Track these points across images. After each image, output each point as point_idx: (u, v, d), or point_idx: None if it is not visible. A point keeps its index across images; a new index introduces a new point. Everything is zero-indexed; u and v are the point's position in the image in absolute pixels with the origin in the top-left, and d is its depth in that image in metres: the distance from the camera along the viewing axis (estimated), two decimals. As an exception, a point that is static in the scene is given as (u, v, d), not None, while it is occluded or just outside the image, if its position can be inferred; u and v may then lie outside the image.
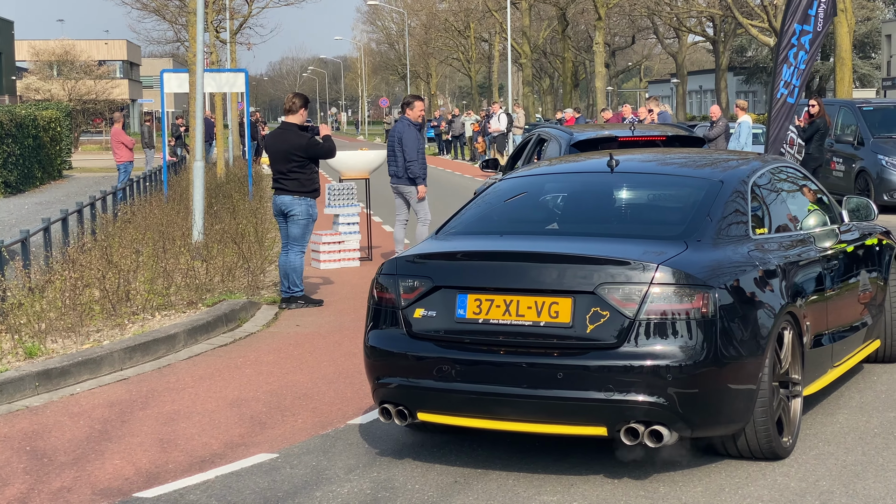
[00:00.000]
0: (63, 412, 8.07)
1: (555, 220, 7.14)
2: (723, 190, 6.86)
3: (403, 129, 14.25)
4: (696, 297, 5.97)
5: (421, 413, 6.39)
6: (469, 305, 6.28)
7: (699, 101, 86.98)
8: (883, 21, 65.96)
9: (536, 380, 6.04)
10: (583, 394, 5.96)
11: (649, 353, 5.93)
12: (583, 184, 7.55)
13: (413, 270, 6.51)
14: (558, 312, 6.08)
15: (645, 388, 5.90)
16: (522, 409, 6.12)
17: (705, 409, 6.03)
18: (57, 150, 40.62)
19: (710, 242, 6.44)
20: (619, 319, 5.97)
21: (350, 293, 13.09)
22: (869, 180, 21.41)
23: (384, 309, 6.59)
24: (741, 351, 6.12)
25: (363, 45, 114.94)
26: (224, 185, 24.44)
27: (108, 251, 13.05)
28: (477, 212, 7.29)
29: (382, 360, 6.54)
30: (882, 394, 7.97)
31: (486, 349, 6.23)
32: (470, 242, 6.82)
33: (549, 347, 6.09)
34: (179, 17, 38.74)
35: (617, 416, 5.94)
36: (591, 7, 53.92)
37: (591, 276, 6.04)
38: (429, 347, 6.36)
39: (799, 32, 15.02)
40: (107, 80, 75.99)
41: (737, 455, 6.48)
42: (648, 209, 7.28)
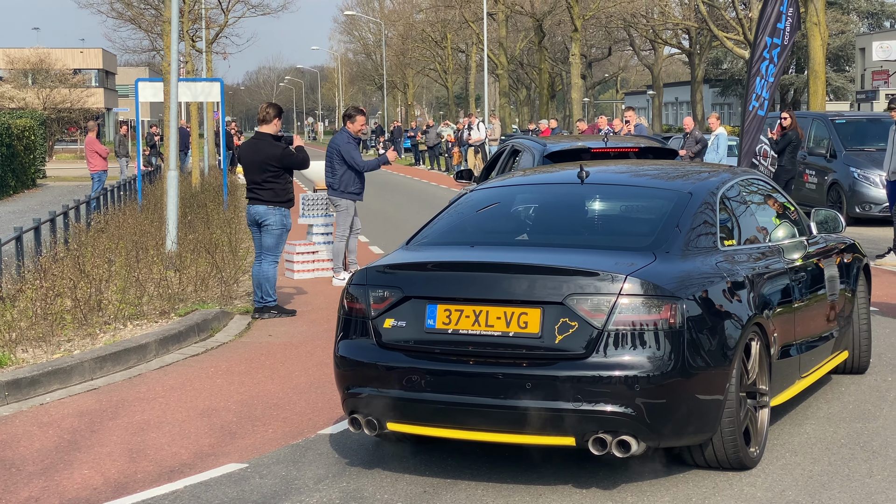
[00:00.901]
0: (32, 422, 8.04)
1: (525, 230, 7.17)
2: (692, 201, 6.92)
3: (341, 141, 14.30)
4: (664, 307, 6.03)
5: (390, 423, 6.39)
6: (439, 316, 6.30)
7: (675, 112, 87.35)
8: (857, 35, 66.45)
9: (505, 390, 6.06)
10: (551, 404, 5.98)
11: (617, 363, 5.96)
12: (553, 195, 7.60)
13: (383, 280, 6.52)
14: (527, 323, 6.11)
15: (613, 399, 5.93)
16: (491, 419, 6.13)
17: (673, 419, 6.07)
18: (31, 159, 40.46)
19: (679, 254, 6.49)
20: (587, 330, 6.01)
21: (323, 303, 13.09)
22: (841, 193, 21.56)
23: (354, 319, 6.60)
24: (708, 361, 6.16)
25: (340, 55, 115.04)
26: (199, 195, 24.40)
27: (81, 260, 13.01)
28: (448, 222, 7.32)
29: (352, 371, 6.53)
30: (849, 404, 8.03)
31: (456, 359, 6.24)
32: (440, 253, 6.84)
33: (518, 358, 6.11)
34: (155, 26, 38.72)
35: (585, 426, 5.97)
36: (567, 19, 54.14)
37: (560, 287, 6.08)
38: (398, 358, 6.36)
39: (770, 45, 15.17)
40: (82, 88, 75.70)
41: (704, 465, 6.51)
42: (618, 220, 7.31)
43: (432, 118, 69.59)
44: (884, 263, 15.38)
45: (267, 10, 45.46)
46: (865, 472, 6.50)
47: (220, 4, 41.39)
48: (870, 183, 21.08)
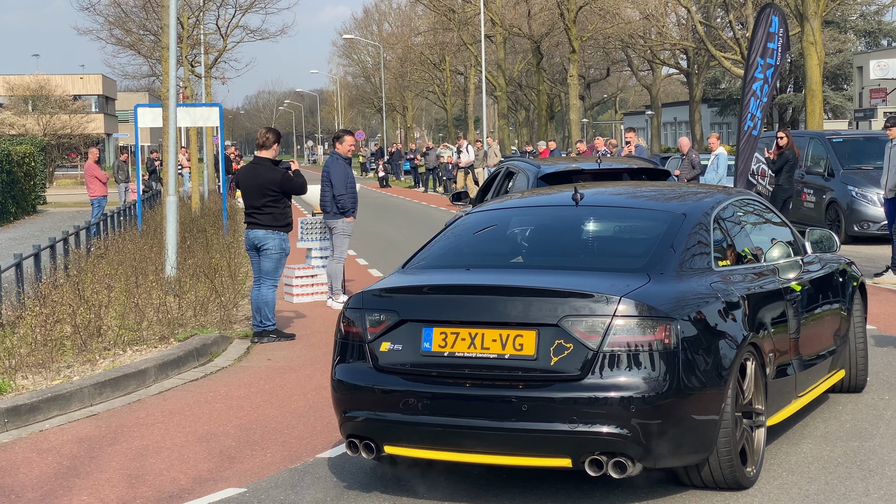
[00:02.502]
0: (31, 448, 8.06)
1: (520, 253, 7.21)
2: (685, 222, 6.96)
3: (332, 163, 14.41)
4: (659, 328, 6.03)
5: (388, 446, 6.42)
6: (435, 339, 6.32)
7: (674, 132, 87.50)
8: (854, 53, 66.63)
9: (502, 412, 6.08)
10: (547, 426, 6.00)
11: (613, 384, 5.97)
12: (549, 217, 7.63)
13: (379, 304, 6.55)
14: (523, 345, 6.13)
15: (608, 420, 5.94)
16: (488, 441, 6.15)
17: (669, 439, 6.08)
18: (31, 185, 40.55)
19: (673, 274, 6.52)
20: (582, 351, 6.02)
21: (322, 327, 13.11)
22: (839, 211, 21.60)
23: (351, 343, 6.63)
24: (704, 382, 6.17)
25: (339, 78, 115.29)
26: (198, 220, 24.46)
27: (81, 286, 13.05)
28: (444, 245, 7.37)
29: (349, 394, 6.56)
30: (846, 423, 8.05)
31: (452, 382, 6.26)
32: (435, 276, 6.86)
33: (514, 380, 6.13)
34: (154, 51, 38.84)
35: (581, 447, 5.98)
36: (565, 40, 54.30)
37: (555, 309, 6.10)
38: (395, 381, 6.38)
39: (763, 66, 15.25)
40: (82, 114, 75.94)
41: (700, 485, 6.53)
42: (612, 242, 7.35)
43: (431, 140, 69.74)
44: (882, 281, 15.41)
45: (266, 34, 45.54)
46: (862, 491, 6.52)
47: (219, 30, 41.51)
48: (868, 201, 21.12)
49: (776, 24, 15.41)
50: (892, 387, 9.14)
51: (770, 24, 15.34)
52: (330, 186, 14.35)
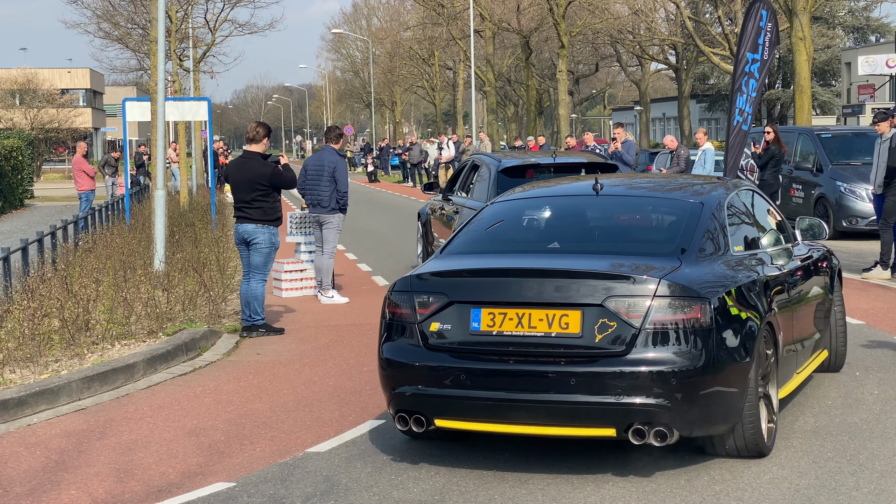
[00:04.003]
0: (19, 443, 8.02)
1: (554, 239, 7.63)
2: (704, 211, 7.48)
3: (336, 160, 14.31)
4: (695, 307, 6.52)
5: (438, 420, 6.81)
6: (483, 319, 6.73)
7: (662, 128, 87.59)
8: (842, 49, 66.76)
9: (550, 386, 6.52)
10: (594, 398, 6.46)
11: (654, 359, 6.45)
12: (574, 206, 8.09)
13: (427, 287, 6.95)
14: (568, 324, 6.57)
15: (651, 392, 6.41)
16: (537, 413, 6.58)
17: (703, 410, 6.56)
18: (18, 179, 40.40)
19: (700, 258, 7.03)
20: (625, 329, 6.49)
21: (311, 321, 13.08)
22: (828, 206, 21.63)
23: (398, 323, 7.00)
24: (734, 356, 6.66)
25: (328, 73, 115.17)
26: (187, 214, 24.38)
27: (69, 281, 12.99)
28: (476, 233, 7.79)
29: (398, 371, 6.92)
30: (836, 418, 8.05)
31: (501, 359, 6.68)
32: (479, 261, 7.26)
33: (561, 356, 6.56)
34: (142, 45, 38.74)
35: (625, 418, 6.45)
36: (554, 35, 54.29)
37: (599, 290, 6.56)
38: (444, 358, 6.78)
39: (750, 61, 15.25)
40: (69, 108, 75.69)
41: (724, 454, 6.98)
42: (640, 229, 7.83)
43: (416, 135, 69.75)
44: (871, 277, 15.43)
45: (254, 28, 45.47)
46: (852, 486, 6.52)
47: (208, 24, 41.41)
48: (856, 197, 21.16)
49: (765, 18, 15.41)
50: (882, 382, 9.16)
51: (759, 18, 15.34)
52: (331, 182, 14.27)
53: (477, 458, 7.23)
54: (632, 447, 6.94)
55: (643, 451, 7.23)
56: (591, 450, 7.31)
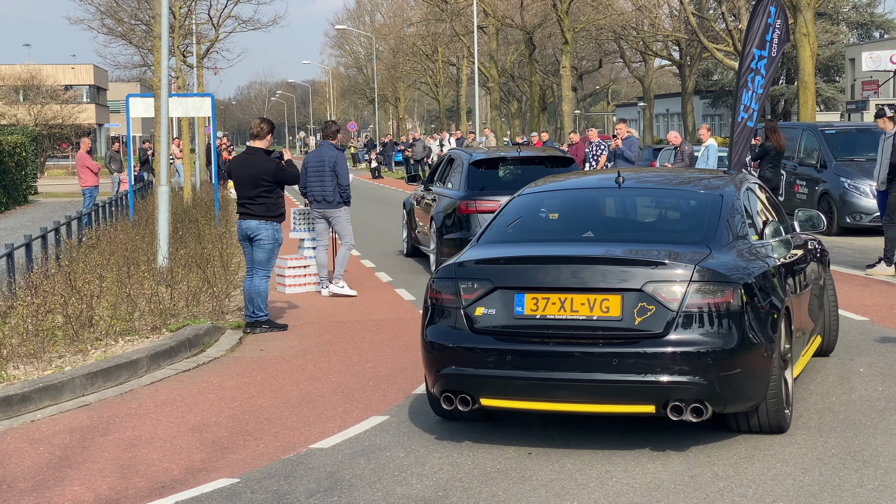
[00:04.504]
0: (23, 439, 8.03)
1: (585, 229, 7.97)
2: (724, 202, 7.94)
3: (336, 154, 14.46)
4: (727, 291, 6.95)
5: (484, 399, 7.13)
6: (526, 303, 7.10)
7: (666, 124, 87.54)
8: (846, 45, 66.66)
9: (593, 366, 6.88)
10: (635, 377, 6.82)
11: (691, 340, 6.85)
12: (599, 197, 8.51)
13: (472, 274, 7.31)
14: (609, 308, 6.95)
15: (688, 371, 6.81)
16: (581, 392, 6.96)
17: (735, 387, 6.96)
18: (22, 176, 40.41)
19: (726, 246, 7.47)
20: (664, 313, 6.88)
21: (315, 317, 13.08)
22: (832, 203, 21.60)
23: (441, 308, 7.35)
24: (760, 337, 7.08)
25: (331, 69, 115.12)
26: (190, 210, 24.38)
27: (72, 277, 13.00)
28: (508, 223, 8.15)
29: (443, 354, 7.25)
30: (840, 414, 8.04)
31: (544, 341, 7.04)
32: (519, 249, 7.61)
33: (602, 338, 6.93)
34: (146, 41, 38.75)
35: (664, 395, 6.83)
36: (557, 31, 54.25)
37: (639, 276, 6.96)
38: (490, 341, 7.12)
39: (757, 57, 15.22)
40: (73, 104, 75.70)
41: (748, 430, 7.39)
42: (667, 219, 8.32)
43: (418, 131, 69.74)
44: (875, 273, 15.41)
45: (258, 24, 45.37)
46: (856, 482, 6.52)
47: (211, 20, 41.40)
48: (860, 193, 21.13)
49: (774, 14, 15.38)
50: (886, 378, 9.14)
51: (768, 14, 15.31)
52: (333, 177, 14.38)
53: (480, 454, 7.23)
54: (634, 446, 6.93)
55: (646, 449, 7.24)
56: (595, 447, 7.31)
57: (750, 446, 7.26)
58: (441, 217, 15.98)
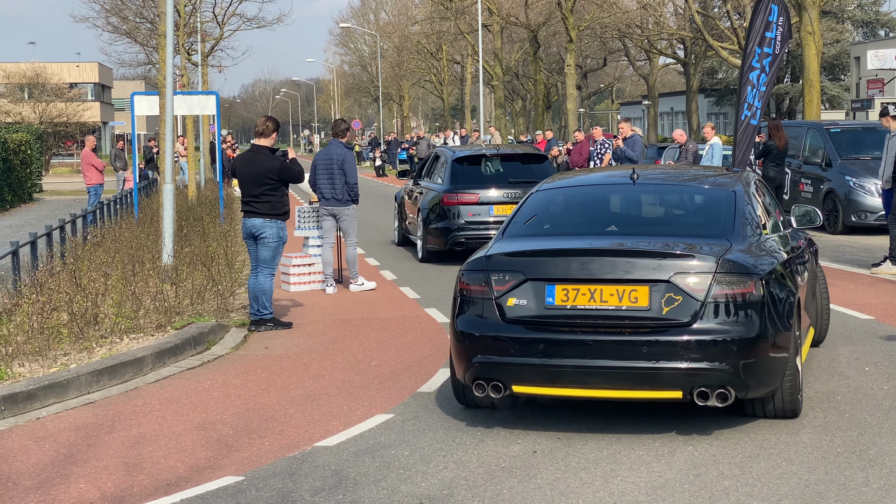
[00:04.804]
0: (28, 436, 8.04)
1: (607, 223, 8.28)
2: (738, 198, 8.27)
3: (345, 153, 14.67)
4: (749, 282, 7.26)
5: (515, 386, 7.39)
6: (557, 294, 7.37)
7: (670, 122, 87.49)
8: (851, 43, 66.58)
9: (623, 354, 7.15)
10: (664, 364, 7.11)
11: (716, 329, 7.15)
12: (618, 193, 8.79)
13: (503, 266, 7.57)
14: (637, 298, 7.24)
15: (714, 358, 7.10)
16: (611, 378, 7.21)
17: (757, 373, 7.24)
18: (27, 173, 40.44)
19: (743, 240, 7.78)
20: (690, 303, 7.18)
21: (319, 315, 13.08)
22: (837, 201, 21.56)
23: (473, 299, 7.59)
24: (779, 325, 7.38)
25: (336, 67, 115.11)
26: (195, 208, 24.39)
27: (77, 274, 13.01)
28: (531, 217, 8.44)
29: (475, 343, 7.49)
30: (845, 413, 8.03)
31: (574, 330, 7.31)
32: (547, 242, 7.91)
33: (632, 327, 7.21)
34: (151, 39, 38.75)
35: (691, 381, 7.12)
36: (562, 30, 54.22)
37: (666, 268, 7.26)
38: (521, 330, 7.38)
39: (759, 55, 15.20)
40: (78, 102, 75.71)
41: (762, 415, 7.69)
42: (685, 214, 8.64)
43: (423, 129, 69.76)
44: (880, 272, 15.39)
45: (262, 23, 45.35)
46: (862, 481, 6.51)
47: (216, 18, 41.40)
48: (865, 192, 21.09)
49: (775, 12, 15.36)
50: (892, 376, 9.13)
51: (769, 12, 15.29)
52: (342, 175, 14.59)
53: (485, 453, 7.23)
54: (639, 445, 6.92)
55: (651, 448, 7.23)
56: (600, 446, 7.31)
57: (755, 445, 7.26)
58: (427, 208, 17.73)
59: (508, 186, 17.49)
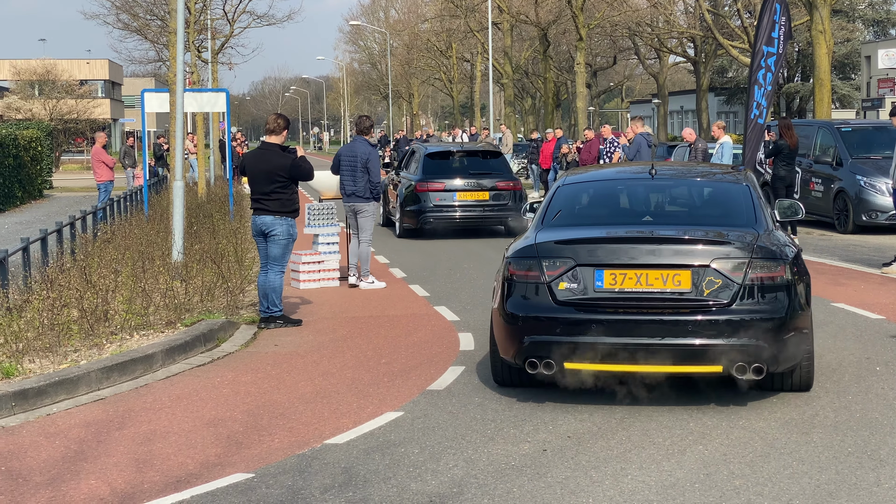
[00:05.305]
0: (39, 432, 8.05)
1: (643, 214, 8.99)
2: (752, 191, 9.00)
3: (369, 151, 14.85)
4: (780, 267, 7.97)
5: (567, 363, 7.92)
6: (605, 278, 7.98)
7: (680, 121, 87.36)
8: (862, 42, 66.43)
9: (668, 332, 7.77)
10: (707, 341, 7.74)
11: (753, 309, 7.82)
12: (642, 186, 9.41)
13: (554, 252, 8.15)
14: (680, 281, 7.88)
15: (751, 335, 7.74)
16: (657, 355, 7.77)
17: (787, 349, 7.86)
18: (38, 170, 40.51)
19: (766, 229, 8.46)
20: (729, 285, 7.85)
21: (329, 313, 13.09)
22: (848, 201, 21.50)
23: (523, 284, 8.16)
24: (803, 305, 8.08)
25: (345, 64, 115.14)
26: (205, 205, 24.41)
27: (87, 271, 13.02)
28: (566, 209, 9.02)
29: (527, 323, 8.07)
30: (856, 413, 8.02)
31: (621, 311, 7.89)
32: (594, 231, 8.48)
33: (675, 308, 7.84)
34: (161, 36, 38.78)
35: (731, 357, 7.73)
36: (572, 28, 54.14)
37: (707, 254, 7.93)
38: (572, 311, 7.97)
39: (766, 54, 15.21)
40: (88, 99, 75.81)
41: (781, 388, 8.40)
42: (709, 206, 9.26)
43: (433, 127, 69.71)
44: (890, 272, 15.35)
45: (272, 20, 45.32)
46: (873, 481, 6.49)
47: (226, 15, 41.39)
48: (876, 191, 21.03)
49: (779, 12, 15.37)
50: (902, 377, 9.11)
51: (773, 12, 15.30)
52: (364, 172, 14.76)
53: (495, 451, 7.22)
54: (649, 444, 6.91)
55: (662, 447, 7.22)
56: (609, 444, 7.30)
57: (766, 445, 7.24)
58: (404, 195, 21.57)
59: (469, 177, 21.34)
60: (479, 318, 12.13)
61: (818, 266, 15.96)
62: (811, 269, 11.59)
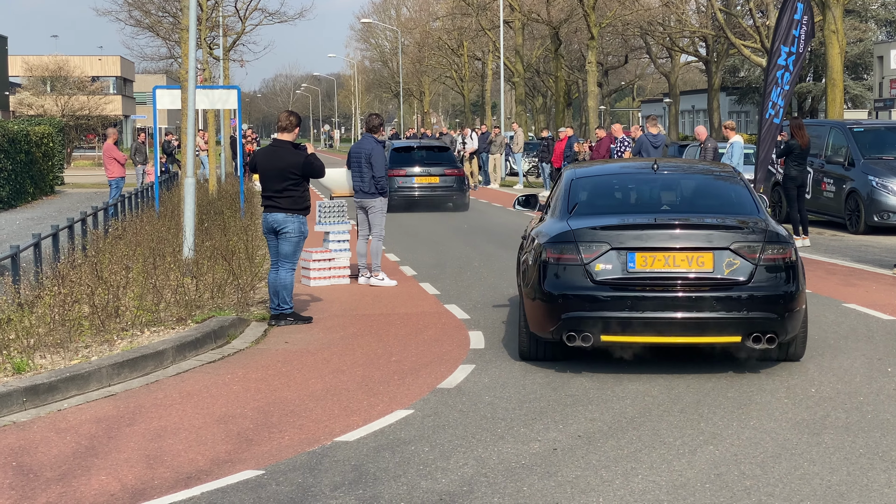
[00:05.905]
0: (50, 428, 8.06)
1: (661, 203, 9.97)
2: (748, 184, 10.16)
3: (373, 147, 14.93)
4: (788, 249, 9.08)
5: (604, 336, 8.92)
6: (637, 260, 8.96)
7: (691, 120, 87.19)
8: (875, 42, 66.23)
9: (693, 307, 8.83)
10: (727, 314, 8.81)
11: (767, 286, 8.90)
12: (651, 179, 10.34)
13: (591, 237, 9.07)
14: (703, 263, 8.91)
15: (767, 309, 8.83)
16: (684, 327, 8.88)
17: (794, 321, 8.99)
18: (49, 166, 40.59)
19: (768, 217, 9.51)
20: (747, 266, 8.91)
21: (339, 310, 13.09)
22: (859, 201, 21.43)
23: (562, 265, 9.05)
24: (803, 284, 9.15)
25: (357, 62, 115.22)
26: (216, 202, 24.44)
27: (99, 267, 13.04)
28: (586, 199, 9.89)
29: (567, 301, 8.99)
30: (868, 414, 7.99)
31: (653, 289, 8.89)
32: (624, 218, 9.43)
33: (699, 285, 8.89)
34: (173, 33, 38.86)
35: (749, 328, 8.82)
36: (583, 26, 54.09)
37: (726, 238, 8.98)
38: (608, 289, 8.93)
39: (785, 54, 15.16)
40: (100, 95, 75.91)
41: (783, 358, 9.49)
42: (716, 196, 10.24)
43: (446, 126, 69.67)
44: (902, 272, 15.29)
45: (284, 17, 45.47)
46: (884, 482, 6.47)
47: (238, 12, 41.48)
48: (888, 191, 20.97)
49: (801, 11, 15.31)
50: (914, 378, 9.08)
51: (795, 11, 15.25)
52: (370, 168, 14.84)
53: (505, 450, 7.22)
54: (660, 443, 6.87)
55: (672, 446, 7.21)
56: (620, 443, 7.29)
57: (777, 445, 7.23)
58: None
59: (424, 165, 28.26)
60: (489, 317, 12.12)
61: (830, 266, 15.91)
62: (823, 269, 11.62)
